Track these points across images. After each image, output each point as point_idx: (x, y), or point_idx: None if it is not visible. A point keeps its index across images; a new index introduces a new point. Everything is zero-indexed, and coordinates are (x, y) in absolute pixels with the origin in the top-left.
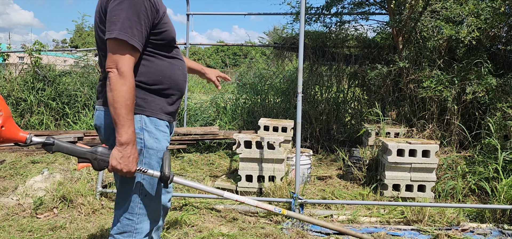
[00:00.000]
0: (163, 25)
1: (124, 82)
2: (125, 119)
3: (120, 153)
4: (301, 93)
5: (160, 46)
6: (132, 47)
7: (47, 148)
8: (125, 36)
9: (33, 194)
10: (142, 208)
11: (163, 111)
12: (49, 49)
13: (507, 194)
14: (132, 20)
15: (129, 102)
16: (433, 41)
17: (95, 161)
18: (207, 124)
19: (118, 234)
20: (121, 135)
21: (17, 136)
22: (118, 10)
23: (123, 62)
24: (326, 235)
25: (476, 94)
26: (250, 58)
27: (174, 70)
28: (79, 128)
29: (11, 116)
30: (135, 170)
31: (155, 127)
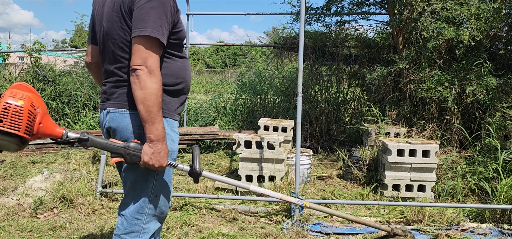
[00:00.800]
0: (180, 25)
1: (155, 80)
2: (156, 116)
3: (151, 148)
4: (301, 93)
5: (175, 46)
6: (162, 45)
7: (82, 143)
8: (157, 34)
9: (33, 194)
10: (152, 208)
11: (177, 112)
12: (49, 49)
13: (507, 194)
14: (162, 19)
15: (159, 100)
16: (433, 42)
17: (128, 156)
18: (207, 124)
19: (124, 234)
20: (152, 131)
21: (54, 131)
22: (147, 8)
23: (153, 60)
24: (326, 235)
25: (476, 94)
26: (250, 58)
27: (186, 70)
28: (79, 128)
29: (47, 112)
30: (166, 164)
31: (171, 128)
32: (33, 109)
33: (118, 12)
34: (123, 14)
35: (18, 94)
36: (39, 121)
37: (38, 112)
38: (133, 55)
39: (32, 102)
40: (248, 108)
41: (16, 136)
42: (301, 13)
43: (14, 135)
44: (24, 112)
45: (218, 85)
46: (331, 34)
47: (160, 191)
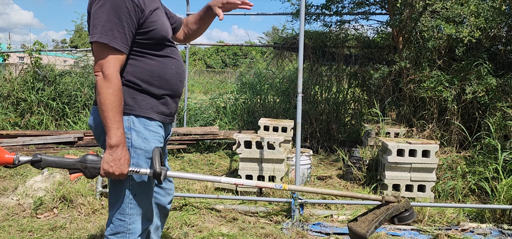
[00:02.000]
0: (151, 24)
1: (109, 85)
2: (112, 121)
3: (111, 155)
4: (301, 93)
5: (148, 45)
6: (114, 49)
7: (35, 165)
8: (105, 39)
9: (33, 194)
10: (134, 208)
11: (155, 111)
12: (49, 49)
13: (507, 194)
14: (113, 22)
15: (115, 105)
16: (433, 41)
17: (86, 169)
18: (207, 124)
19: (111, 235)
20: (110, 137)
21: (4, 159)
22: (99, 13)
23: (107, 66)
24: (326, 235)
25: (476, 94)
26: (250, 58)
27: (165, 69)
28: (79, 128)
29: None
30: (127, 171)
31: (144, 127)
32: None
33: (87, 18)
34: (88, 19)
35: None
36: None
37: None
38: (94, 62)
39: None
40: (248, 108)
41: None
42: (301, 12)
43: None
44: None
45: (218, 85)
46: (331, 34)
47: (139, 190)
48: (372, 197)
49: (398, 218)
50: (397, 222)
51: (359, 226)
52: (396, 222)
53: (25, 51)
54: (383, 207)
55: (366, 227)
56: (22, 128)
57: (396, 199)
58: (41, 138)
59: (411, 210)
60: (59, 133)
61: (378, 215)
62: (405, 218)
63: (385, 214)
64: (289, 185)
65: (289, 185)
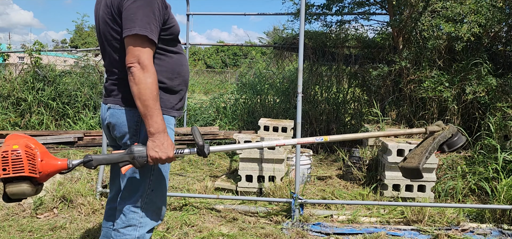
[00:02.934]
0: (171, 21)
1: (148, 75)
2: (153, 109)
3: (154, 142)
4: (301, 93)
5: (168, 41)
6: (152, 41)
7: (88, 165)
8: (145, 31)
9: None
10: (148, 202)
11: (175, 108)
12: (49, 49)
13: (507, 194)
14: (150, 17)
15: (155, 93)
16: (433, 41)
17: (134, 160)
18: (207, 124)
19: (122, 228)
20: (151, 125)
21: (57, 165)
22: (134, 8)
23: (145, 56)
24: (326, 235)
25: (476, 94)
26: (250, 58)
27: (182, 66)
28: (79, 128)
29: (47, 152)
30: (173, 154)
31: (167, 124)
32: (29, 149)
33: (109, 14)
34: (113, 15)
35: (12, 141)
36: (40, 158)
37: (36, 152)
38: (127, 55)
39: (26, 144)
40: (248, 108)
41: (24, 179)
42: (301, 12)
43: (22, 177)
44: (22, 153)
45: (218, 85)
46: (331, 34)
47: (157, 186)
48: (415, 130)
49: (447, 145)
50: (447, 149)
51: (410, 161)
52: (446, 149)
53: (25, 51)
54: (429, 139)
55: (417, 160)
56: (22, 128)
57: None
58: (41, 138)
59: (458, 134)
60: (59, 133)
61: (426, 147)
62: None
63: (433, 144)
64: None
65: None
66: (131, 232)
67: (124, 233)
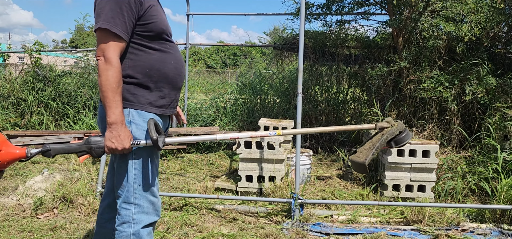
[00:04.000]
0: (150, 17)
1: (109, 68)
2: (111, 101)
3: (111, 133)
4: (301, 93)
5: (148, 37)
6: (115, 35)
7: (46, 154)
8: (107, 25)
9: (33, 194)
10: (138, 198)
11: (153, 105)
12: (49, 49)
13: (507, 194)
14: (115, 11)
15: (114, 86)
16: (433, 40)
17: (91, 150)
18: (207, 124)
19: (119, 225)
20: (109, 115)
21: (16, 154)
22: (102, 4)
23: (108, 50)
24: (326, 235)
25: (475, 94)
26: (251, 58)
27: (164, 63)
28: (79, 128)
29: (5, 139)
30: (129, 145)
31: (143, 120)
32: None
33: (94, 13)
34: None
35: None
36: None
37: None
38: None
39: None
40: (248, 108)
41: None
42: (301, 12)
43: None
44: None
45: (218, 85)
46: (331, 34)
47: (142, 180)
48: (365, 126)
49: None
50: (394, 145)
51: (358, 156)
52: (394, 145)
53: (25, 52)
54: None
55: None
56: (22, 128)
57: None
58: (41, 138)
59: (406, 131)
60: (59, 133)
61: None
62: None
63: (381, 140)
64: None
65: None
66: (126, 229)
67: (120, 230)
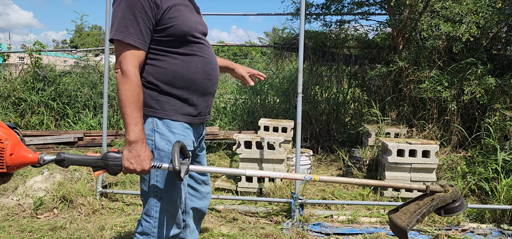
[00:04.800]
0: (169, 21)
1: (125, 81)
2: (130, 117)
3: (130, 152)
4: (301, 93)
5: (169, 43)
6: (129, 45)
7: (60, 164)
8: (119, 35)
9: (33, 194)
10: (159, 211)
11: (179, 112)
12: (49, 49)
13: (507, 194)
14: (127, 19)
15: (132, 100)
16: (432, 40)
17: (108, 167)
18: (207, 124)
19: (138, 233)
20: (128, 133)
21: (28, 158)
22: (116, 12)
23: (124, 62)
24: (326, 235)
25: (474, 94)
26: (250, 58)
27: (189, 68)
28: (79, 128)
29: (19, 142)
30: (149, 167)
31: (168, 129)
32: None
33: None
34: None
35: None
36: (10, 152)
37: (7, 145)
38: None
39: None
40: (248, 108)
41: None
42: (301, 12)
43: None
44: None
45: (218, 85)
46: (331, 34)
47: (165, 194)
48: (415, 186)
49: (444, 209)
50: (444, 214)
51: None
52: (443, 213)
53: (25, 52)
54: (427, 198)
55: (407, 219)
56: (22, 128)
57: (443, 188)
58: (41, 138)
59: (460, 200)
60: (59, 133)
61: (421, 206)
62: (453, 210)
63: (429, 205)
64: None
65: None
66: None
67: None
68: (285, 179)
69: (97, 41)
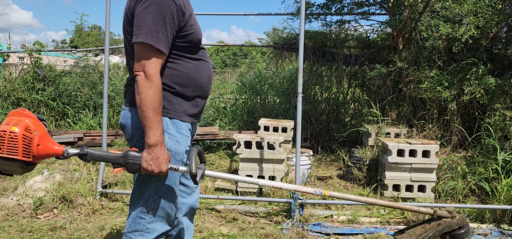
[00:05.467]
0: (189, 28)
1: (151, 85)
2: (152, 121)
3: (150, 154)
4: (301, 93)
5: (185, 48)
6: (158, 51)
7: (82, 158)
8: (151, 40)
9: (33, 194)
10: (155, 209)
11: (187, 113)
12: (49, 49)
13: (507, 194)
14: (159, 24)
15: (156, 105)
16: (432, 40)
17: (127, 165)
18: (207, 124)
19: (130, 232)
20: (149, 137)
21: (54, 150)
22: (145, 14)
23: (150, 66)
24: (326, 235)
25: (473, 94)
26: (250, 58)
27: (200, 73)
28: (79, 128)
29: (47, 133)
30: (167, 169)
31: (177, 129)
32: (28, 133)
33: (126, 19)
34: (129, 20)
35: (13, 121)
36: (37, 143)
37: (35, 135)
38: (134, 62)
39: (26, 126)
40: (248, 108)
41: (17, 160)
42: (301, 12)
43: (14, 159)
44: (19, 137)
45: (218, 85)
46: (331, 34)
47: (165, 192)
48: (423, 210)
49: (450, 235)
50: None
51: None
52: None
53: (25, 52)
54: (433, 222)
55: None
56: None
57: (450, 214)
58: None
59: (466, 227)
60: (59, 133)
61: (427, 230)
62: (459, 236)
63: (435, 230)
64: (329, 192)
65: (330, 191)
66: (138, 238)
67: (131, 237)
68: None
69: (97, 41)
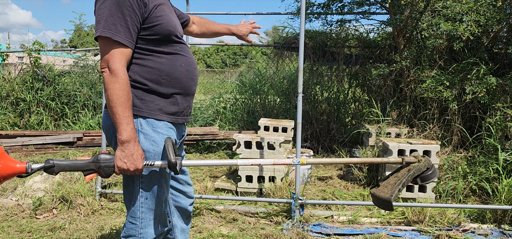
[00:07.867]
0: (155, 19)
1: (116, 80)
2: (121, 117)
3: (123, 151)
4: (301, 93)
5: (155, 42)
6: (118, 43)
7: (49, 171)
8: (108, 33)
9: (32, 195)
10: (145, 212)
11: (164, 112)
12: (48, 49)
13: (508, 195)
14: (116, 17)
15: (123, 100)
16: (432, 39)
17: (100, 169)
18: (207, 124)
19: (124, 237)
20: (120, 133)
21: (16, 169)
22: (102, 9)
23: (113, 60)
24: (326, 236)
25: (475, 94)
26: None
27: (174, 67)
28: (78, 128)
29: (4, 152)
30: (142, 166)
31: (152, 129)
32: None
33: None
34: None
35: None
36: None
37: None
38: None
39: None
40: (248, 108)
41: None
42: (301, 12)
43: None
44: None
45: (218, 85)
46: (331, 33)
47: (150, 194)
48: (392, 159)
49: (420, 177)
50: (420, 182)
51: (382, 191)
52: (419, 182)
53: (24, 51)
54: (403, 169)
55: (390, 191)
56: (21, 128)
57: (416, 159)
58: (40, 138)
59: (433, 168)
60: (58, 133)
61: (400, 177)
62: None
63: (407, 176)
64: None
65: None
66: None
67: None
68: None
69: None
